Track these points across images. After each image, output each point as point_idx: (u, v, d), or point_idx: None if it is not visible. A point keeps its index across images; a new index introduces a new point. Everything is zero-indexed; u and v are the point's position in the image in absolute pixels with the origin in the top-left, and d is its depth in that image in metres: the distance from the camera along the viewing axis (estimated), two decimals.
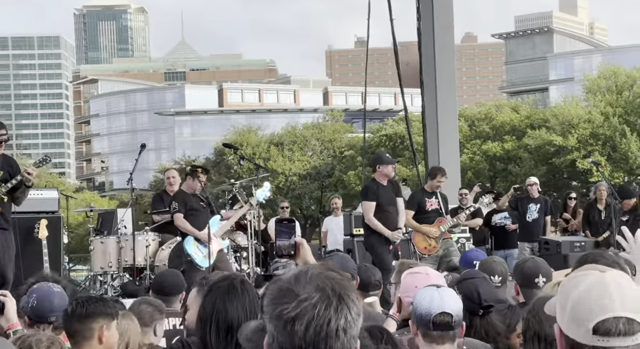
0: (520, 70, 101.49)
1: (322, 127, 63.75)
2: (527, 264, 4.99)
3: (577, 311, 1.94)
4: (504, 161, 51.40)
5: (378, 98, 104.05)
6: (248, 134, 63.27)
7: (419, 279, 4.03)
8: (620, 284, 1.97)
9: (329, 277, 1.86)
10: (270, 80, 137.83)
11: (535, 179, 14.22)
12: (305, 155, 61.29)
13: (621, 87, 49.89)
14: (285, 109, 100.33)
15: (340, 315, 1.81)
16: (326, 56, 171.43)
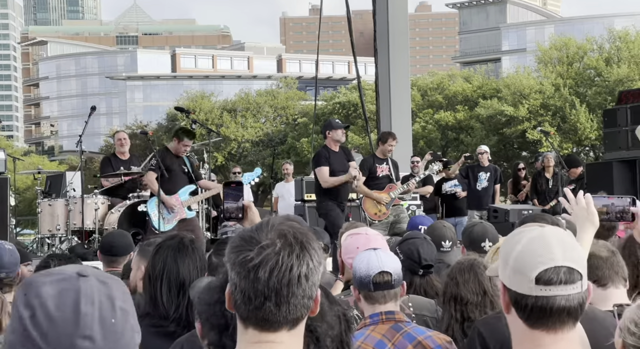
0: (473, 41, 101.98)
1: (275, 95, 63.52)
2: (475, 229, 5.05)
3: (520, 264, 1.99)
4: (455, 130, 51.79)
5: (332, 66, 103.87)
6: (201, 100, 62.78)
7: (360, 240, 4.06)
8: (560, 237, 2.02)
9: (291, 225, 1.89)
10: (224, 46, 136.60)
11: (486, 147, 14.36)
12: (258, 122, 61.11)
13: (572, 59, 50.43)
14: (239, 75, 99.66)
15: (303, 262, 1.84)
16: (280, 23, 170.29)
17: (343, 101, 56.37)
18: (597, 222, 2.91)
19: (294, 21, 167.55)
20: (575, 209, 2.94)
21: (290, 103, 62.09)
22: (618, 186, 10.79)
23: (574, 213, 2.95)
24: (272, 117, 62.23)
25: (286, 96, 62.98)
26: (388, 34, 14.65)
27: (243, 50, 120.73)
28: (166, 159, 9.57)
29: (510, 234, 2.11)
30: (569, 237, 2.05)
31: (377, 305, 3.43)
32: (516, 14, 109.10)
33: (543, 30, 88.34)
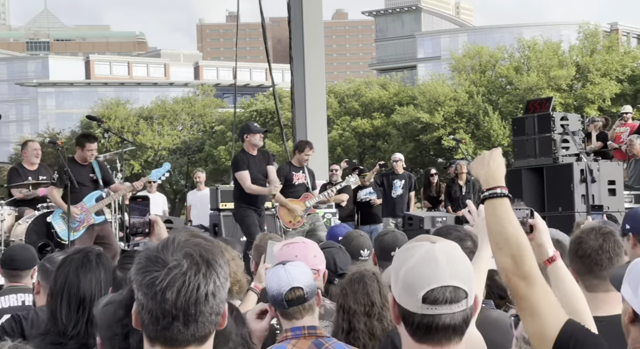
0: (389, 48, 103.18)
1: (192, 102, 63.05)
2: (386, 237, 5.09)
3: (408, 282, 2.03)
4: (372, 137, 52.28)
5: (249, 73, 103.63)
6: (116, 107, 61.85)
7: (299, 249, 4.07)
8: (449, 254, 2.06)
9: (196, 243, 1.90)
10: (139, 53, 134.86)
11: (400, 155, 14.52)
12: (175, 129, 60.55)
13: (484, 67, 51.51)
14: (156, 82, 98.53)
15: (209, 280, 1.87)
16: (197, 30, 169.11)
17: (260, 109, 56.32)
18: None
19: (210, 28, 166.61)
20: (477, 221, 2.98)
21: (207, 110, 61.70)
22: (527, 193, 11.03)
23: (475, 225, 2.99)
24: (189, 124, 61.73)
25: (203, 104, 62.57)
26: (303, 41, 14.70)
27: (159, 57, 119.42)
28: (73, 171, 9.47)
29: (402, 248, 2.14)
30: (458, 253, 2.09)
31: (295, 320, 3.42)
32: (430, 22, 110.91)
33: (457, 38, 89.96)
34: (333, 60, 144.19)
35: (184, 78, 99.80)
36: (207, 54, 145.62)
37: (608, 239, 3.47)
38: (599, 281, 3.38)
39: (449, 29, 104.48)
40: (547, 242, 3.01)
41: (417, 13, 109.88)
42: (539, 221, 3.02)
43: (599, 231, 3.50)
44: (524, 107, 12.40)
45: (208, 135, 59.30)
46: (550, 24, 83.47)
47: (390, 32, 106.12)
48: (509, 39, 58.64)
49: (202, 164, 50.31)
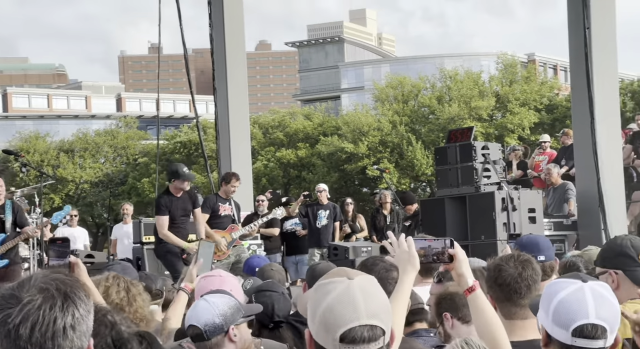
0: (313, 79, 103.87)
1: (115, 134, 62.22)
2: (318, 267, 5.15)
3: (326, 320, 2.02)
4: (297, 168, 52.35)
5: (173, 105, 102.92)
6: (36, 140, 60.61)
7: (215, 282, 4.01)
8: (366, 292, 2.06)
9: (54, 278, 1.86)
10: (59, 85, 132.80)
11: (324, 185, 14.56)
12: (98, 162, 59.61)
13: (407, 97, 52.24)
14: (76, 115, 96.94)
15: (67, 313, 1.82)
16: (119, 62, 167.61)
17: (184, 140, 55.92)
18: (418, 265, 2.97)
19: (132, 60, 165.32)
20: (398, 252, 2.99)
21: (130, 143, 60.97)
22: (450, 222, 11.16)
23: (396, 256, 3.00)
24: (111, 157, 60.86)
25: (126, 136, 61.81)
26: (226, 72, 14.68)
27: (80, 89, 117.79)
28: None
29: (319, 283, 2.12)
30: (375, 289, 2.09)
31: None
32: (353, 53, 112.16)
33: (379, 69, 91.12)
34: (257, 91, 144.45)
35: (106, 110, 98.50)
36: (130, 86, 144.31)
37: (527, 267, 3.53)
38: (517, 309, 3.43)
39: (372, 60, 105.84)
40: (466, 272, 3.04)
41: (340, 44, 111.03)
42: (459, 251, 3.04)
43: (518, 259, 3.55)
44: (446, 136, 12.58)
45: (131, 167, 58.55)
46: (470, 55, 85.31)
47: (313, 63, 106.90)
48: (431, 69, 59.65)
49: (126, 196, 49.55)
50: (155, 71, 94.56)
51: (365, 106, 55.62)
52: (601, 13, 12.36)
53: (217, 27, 14.65)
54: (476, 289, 3.02)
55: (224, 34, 14.55)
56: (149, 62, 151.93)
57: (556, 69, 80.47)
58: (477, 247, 10.24)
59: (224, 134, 14.64)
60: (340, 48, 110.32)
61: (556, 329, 2.40)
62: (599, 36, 12.25)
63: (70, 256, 3.34)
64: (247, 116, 15.37)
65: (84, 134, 62.99)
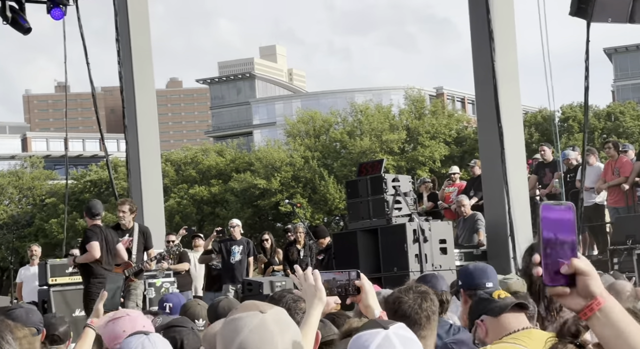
0: (225, 115, 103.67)
1: (20, 175, 60.67)
2: (220, 304, 5.10)
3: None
4: (211, 204, 51.97)
5: (82, 144, 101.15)
6: None
7: (125, 323, 3.89)
8: (280, 325, 2.03)
9: None
10: None
11: (237, 221, 14.50)
12: (2, 204, 57.93)
13: (319, 131, 52.62)
14: None
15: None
16: (24, 101, 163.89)
17: (95, 179, 54.96)
18: (325, 298, 2.96)
19: (38, 98, 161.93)
20: (304, 286, 2.99)
21: (37, 183, 59.50)
22: (363, 255, 11.22)
23: (303, 289, 3.00)
24: (17, 198, 59.25)
25: (32, 176, 60.33)
26: (136, 110, 14.53)
27: None
28: None
29: (230, 318, 2.08)
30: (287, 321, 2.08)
31: None
32: (265, 89, 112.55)
33: (291, 104, 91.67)
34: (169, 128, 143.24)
35: (11, 150, 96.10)
36: (36, 125, 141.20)
37: (425, 298, 3.56)
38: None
39: (283, 95, 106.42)
40: (373, 304, 3.05)
41: (251, 80, 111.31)
42: (365, 283, 3.05)
43: (416, 290, 3.58)
44: (357, 169, 12.69)
45: (38, 208, 57.09)
46: (380, 89, 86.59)
47: (225, 99, 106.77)
48: (342, 104, 60.30)
49: (32, 238, 48.22)
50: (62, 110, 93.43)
51: (277, 142, 55.78)
52: (504, 46, 12.73)
53: (125, 64, 14.51)
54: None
55: (132, 72, 14.43)
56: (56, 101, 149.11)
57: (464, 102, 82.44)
58: (389, 279, 10.31)
59: (135, 172, 14.45)
60: (251, 84, 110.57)
61: None
62: (503, 68, 12.61)
63: None
64: (158, 153, 15.21)
65: None
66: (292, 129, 54.13)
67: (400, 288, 3.67)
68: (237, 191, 50.50)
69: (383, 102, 56.26)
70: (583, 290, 1.79)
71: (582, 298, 1.80)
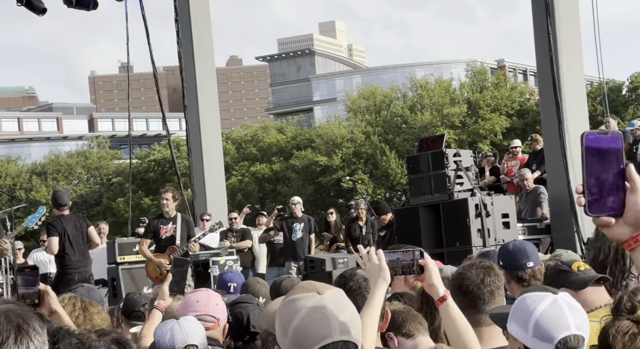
0: (285, 92, 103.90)
1: (87, 155, 61.86)
2: (283, 283, 5.11)
3: (299, 338, 1.99)
4: (272, 181, 52.29)
5: (146, 123, 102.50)
6: (7, 164, 60.13)
7: (201, 295, 4.06)
8: (337, 307, 2.04)
9: (5, 309, 1.84)
10: (30, 108, 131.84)
11: (299, 198, 14.56)
12: (71, 184, 59.18)
13: (379, 107, 52.40)
14: (48, 137, 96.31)
15: (21, 345, 1.80)
16: (90, 82, 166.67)
17: (158, 158, 55.70)
18: (389, 278, 2.97)
19: (103, 80, 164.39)
20: (368, 266, 2.99)
21: (103, 163, 60.63)
22: (425, 230, 11.18)
23: (367, 269, 3.00)
24: (85, 178, 60.48)
25: (99, 156, 61.48)
26: (196, 89, 14.65)
27: (51, 111, 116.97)
28: None
29: (288, 299, 2.09)
30: (345, 303, 2.07)
31: None
32: (324, 65, 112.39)
33: (351, 80, 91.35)
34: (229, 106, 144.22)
35: (78, 131, 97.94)
36: (101, 106, 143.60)
37: (489, 273, 3.52)
38: (481, 315, 3.42)
39: (343, 71, 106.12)
40: (437, 282, 3.04)
41: (311, 56, 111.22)
42: (429, 262, 3.04)
43: (480, 266, 3.54)
44: (418, 145, 12.62)
45: (105, 187, 58.20)
46: (440, 63, 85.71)
47: (285, 76, 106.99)
48: (402, 79, 59.92)
49: (101, 217, 49.22)
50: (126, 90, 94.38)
51: (338, 118, 55.72)
52: (565, 17, 12.48)
53: (185, 44, 14.62)
54: (447, 299, 3.02)
55: (193, 51, 14.54)
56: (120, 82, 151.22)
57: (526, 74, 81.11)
58: (452, 255, 10.26)
59: (197, 151, 14.60)
60: (311, 60, 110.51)
61: (538, 343, 2.39)
62: (564, 40, 12.37)
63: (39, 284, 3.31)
64: (219, 131, 15.33)
65: (56, 156, 62.59)
66: (353, 105, 54.00)
67: (464, 264, 3.64)
68: (298, 168, 50.69)
69: (443, 76, 55.70)
70: (632, 217, 1.75)
71: (629, 227, 1.76)
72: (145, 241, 10.58)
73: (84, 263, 9.99)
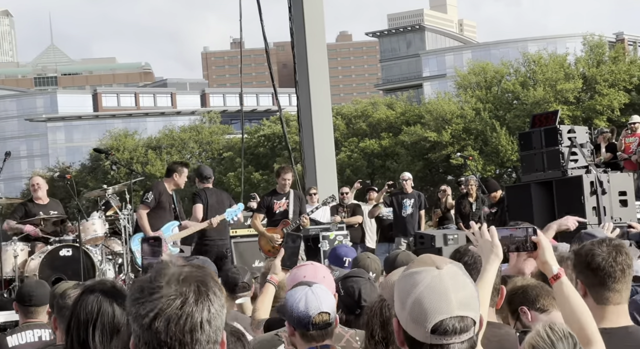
0: (394, 68, 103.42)
1: (199, 130, 63.26)
2: (398, 257, 5.11)
3: (416, 312, 2.00)
4: (381, 157, 52.28)
5: (256, 99, 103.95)
6: (125, 138, 62.14)
7: (308, 270, 4.11)
8: (455, 281, 2.04)
9: (189, 272, 1.90)
10: (146, 83, 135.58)
11: (409, 174, 14.49)
12: (184, 158, 60.71)
13: (490, 83, 51.53)
14: (163, 112, 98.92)
15: (203, 308, 1.86)
16: (202, 58, 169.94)
17: (268, 133, 56.44)
18: (501, 255, 2.96)
19: (215, 55, 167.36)
20: (480, 242, 2.97)
21: (214, 138, 61.89)
22: (537, 208, 10.97)
23: (479, 245, 2.99)
24: (197, 152, 61.90)
25: (210, 131, 62.78)
26: (307, 65, 14.74)
27: (166, 86, 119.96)
28: (162, 195, 9.64)
29: (406, 273, 2.10)
30: (463, 278, 2.07)
31: (314, 343, 3.45)
32: (434, 40, 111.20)
33: (461, 56, 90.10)
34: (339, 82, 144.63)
35: (191, 106, 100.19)
36: (213, 81, 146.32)
37: (620, 251, 3.43)
38: (610, 293, 3.34)
39: (453, 47, 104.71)
40: (551, 260, 3.00)
41: (421, 32, 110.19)
42: (542, 239, 3.01)
43: (610, 244, 3.46)
44: (530, 121, 12.36)
45: (217, 162, 59.42)
46: (554, 37, 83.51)
47: (394, 52, 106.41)
48: (514, 54, 58.66)
49: None
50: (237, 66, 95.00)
51: (447, 94, 55.13)
52: None
53: (297, 20, 14.72)
54: (562, 277, 2.98)
55: (304, 27, 14.62)
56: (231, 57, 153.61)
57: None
58: (565, 233, 10.06)
59: (307, 126, 14.72)
60: (421, 36, 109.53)
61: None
62: None
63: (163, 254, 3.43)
64: (329, 107, 15.40)
65: (170, 131, 64.27)
66: (463, 81, 53.30)
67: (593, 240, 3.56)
68: (407, 144, 50.49)
69: (557, 51, 54.23)
70: None
71: None
72: (258, 216, 10.78)
73: (221, 237, 10.20)
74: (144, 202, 9.64)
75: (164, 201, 9.65)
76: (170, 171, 9.92)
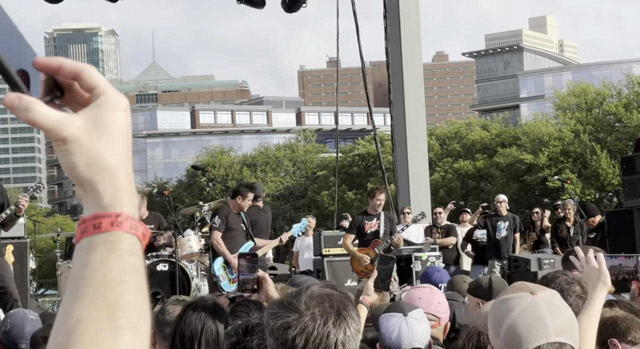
0: (491, 89, 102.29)
1: (294, 148, 63.80)
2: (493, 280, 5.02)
3: (512, 337, 1.96)
4: (475, 179, 51.64)
5: (351, 118, 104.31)
6: (220, 155, 63.16)
7: (424, 292, 4.13)
8: (551, 307, 1.98)
9: (328, 294, 1.96)
10: (242, 101, 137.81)
11: (504, 196, 14.25)
12: (278, 176, 61.27)
13: (591, 105, 50.36)
14: (258, 129, 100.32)
15: (339, 330, 1.90)
16: (298, 76, 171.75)
17: (362, 153, 56.48)
18: (609, 283, 2.84)
19: (312, 74, 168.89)
20: (586, 269, 2.87)
21: (309, 156, 62.29)
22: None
23: (585, 272, 2.89)
24: (291, 170, 62.41)
25: (305, 149, 63.22)
26: (403, 85, 14.70)
27: (262, 104, 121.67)
28: (229, 217, 9.63)
29: (500, 299, 2.06)
30: (560, 305, 2.01)
31: None
32: (533, 61, 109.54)
33: (560, 77, 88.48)
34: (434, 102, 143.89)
35: (286, 124, 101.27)
36: (309, 100, 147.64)
37: None
38: None
39: (553, 68, 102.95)
40: None
41: (519, 52, 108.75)
42: None
43: None
44: (633, 145, 12.00)
45: (310, 180, 59.77)
46: None
47: (491, 73, 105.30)
48: (616, 76, 57.28)
49: (306, 209, 50.63)
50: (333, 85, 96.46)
51: (545, 115, 54.11)
52: None
53: (393, 40, 14.71)
54: None
55: (401, 47, 14.60)
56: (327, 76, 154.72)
57: None
58: None
59: (401, 146, 14.66)
60: (519, 57, 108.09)
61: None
62: None
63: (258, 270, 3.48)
64: (424, 127, 15.30)
65: (265, 148, 65.01)
66: (562, 102, 52.24)
67: None
68: (502, 166, 49.74)
69: None
70: None
71: None
72: (349, 236, 10.77)
73: None
74: (212, 227, 9.68)
75: (232, 223, 9.64)
76: (236, 193, 9.90)
